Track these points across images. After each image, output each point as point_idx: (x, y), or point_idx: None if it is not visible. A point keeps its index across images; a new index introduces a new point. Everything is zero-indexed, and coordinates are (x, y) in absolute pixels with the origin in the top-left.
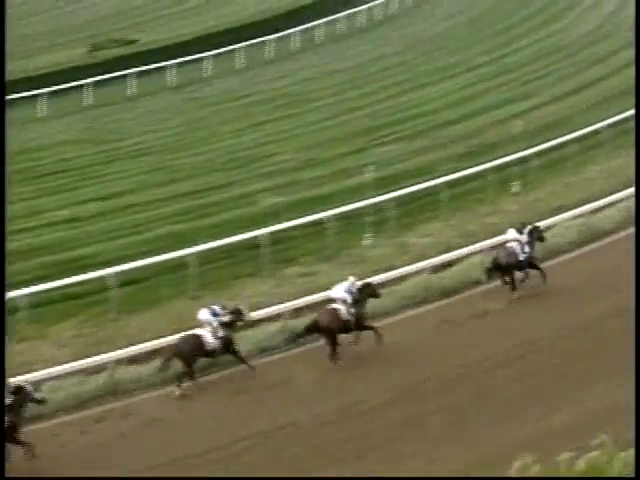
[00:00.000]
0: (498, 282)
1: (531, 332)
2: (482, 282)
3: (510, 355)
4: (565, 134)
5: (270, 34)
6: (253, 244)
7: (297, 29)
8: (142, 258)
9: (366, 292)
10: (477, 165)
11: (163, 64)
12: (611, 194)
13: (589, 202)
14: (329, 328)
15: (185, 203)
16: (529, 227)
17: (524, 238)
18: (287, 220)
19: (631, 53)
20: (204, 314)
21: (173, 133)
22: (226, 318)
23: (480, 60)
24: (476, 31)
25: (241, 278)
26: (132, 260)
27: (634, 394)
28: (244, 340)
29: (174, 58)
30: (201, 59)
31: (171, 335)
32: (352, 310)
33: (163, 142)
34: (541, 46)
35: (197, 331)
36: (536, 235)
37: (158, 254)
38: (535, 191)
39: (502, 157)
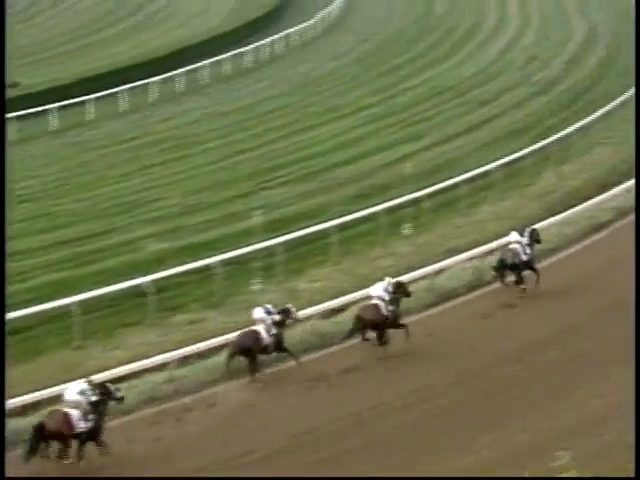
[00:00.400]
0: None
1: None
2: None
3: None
4: (456, 175)
5: (154, 75)
6: (139, 292)
7: (181, 70)
8: (26, 306)
9: (400, 291)
10: (368, 207)
11: (44, 108)
12: (503, 236)
13: (481, 244)
14: (374, 322)
15: (69, 250)
16: (529, 229)
17: (525, 240)
18: (173, 266)
19: (521, 91)
20: (259, 312)
21: (55, 178)
22: (277, 317)
23: (369, 101)
24: (364, 71)
25: (126, 327)
26: (17, 309)
27: (634, 394)
28: (130, 390)
29: (56, 101)
30: (83, 102)
31: (55, 386)
32: (390, 308)
33: (45, 188)
34: (431, 86)
35: (254, 327)
36: (535, 237)
37: (42, 302)
38: (427, 233)
39: (393, 199)
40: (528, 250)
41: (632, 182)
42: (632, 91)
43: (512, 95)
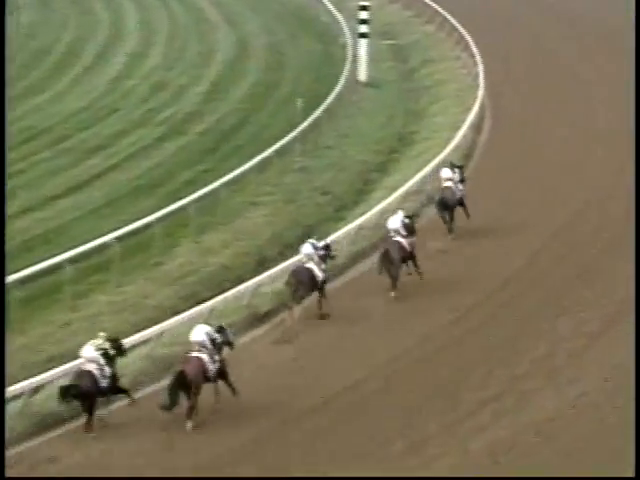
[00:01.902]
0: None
1: None
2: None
3: None
4: (59, 252)
5: None
6: None
7: None
8: None
9: (411, 225)
10: None
11: None
12: (119, 332)
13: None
14: (402, 258)
15: None
16: (457, 166)
17: (456, 177)
18: None
19: (145, 133)
20: (307, 248)
21: None
22: (322, 253)
23: None
24: None
25: None
26: None
27: (634, 394)
28: None
29: None
30: None
31: None
32: (408, 241)
33: None
34: (18, 127)
35: (307, 265)
36: (461, 175)
37: None
38: (20, 336)
39: None
40: (461, 187)
41: (291, 260)
42: (302, 127)
43: (133, 139)
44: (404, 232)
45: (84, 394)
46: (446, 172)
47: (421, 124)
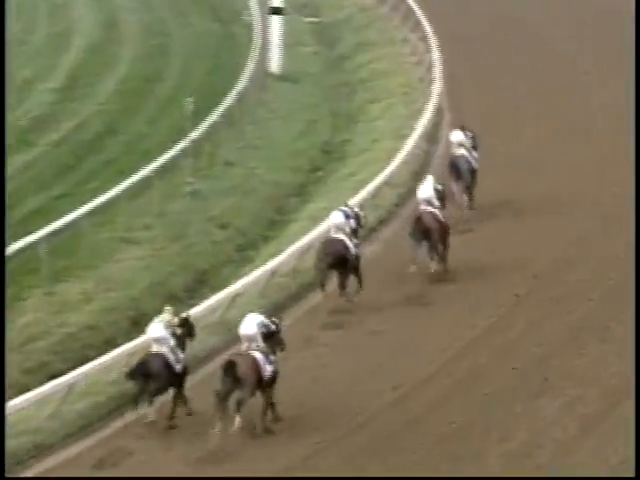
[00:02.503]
0: None
1: None
2: None
3: None
4: None
5: None
6: None
7: None
8: None
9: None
10: None
11: None
12: None
13: None
14: (434, 228)
15: None
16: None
17: (469, 142)
18: None
19: None
20: (339, 217)
21: None
22: (354, 224)
23: None
24: None
25: None
26: None
27: (634, 394)
28: None
29: None
30: None
31: None
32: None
33: None
34: None
35: (339, 236)
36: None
37: None
38: None
39: None
40: (475, 154)
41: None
42: (192, 136)
43: None
44: (437, 203)
45: (154, 376)
46: (458, 135)
47: (355, 131)
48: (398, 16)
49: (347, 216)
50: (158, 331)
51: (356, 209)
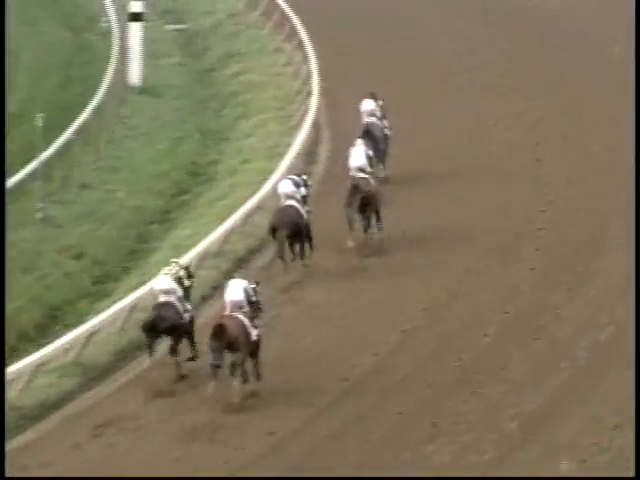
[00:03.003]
0: None
1: None
2: None
3: None
4: None
5: None
6: None
7: None
8: None
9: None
10: None
11: None
12: None
13: None
14: (373, 194)
15: None
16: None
17: (379, 111)
18: None
19: None
20: (287, 186)
21: None
22: (304, 191)
23: None
24: None
25: None
26: None
27: (634, 393)
28: None
29: None
30: None
31: None
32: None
33: None
34: None
35: (290, 202)
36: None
37: None
38: None
39: None
40: (385, 122)
41: None
42: (43, 156)
43: None
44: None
45: (171, 328)
46: (369, 104)
47: (225, 150)
48: (271, 22)
49: (297, 184)
50: (166, 282)
51: (304, 176)
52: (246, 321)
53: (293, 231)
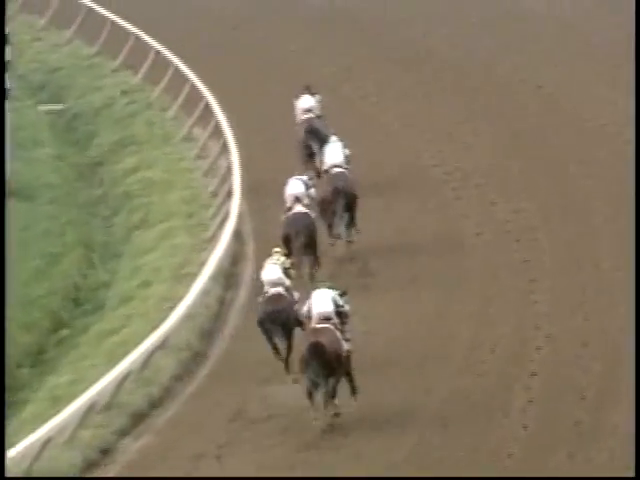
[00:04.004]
0: None
1: None
2: None
3: None
4: None
5: None
6: None
7: None
8: None
9: None
10: None
11: None
12: None
13: None
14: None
15: None
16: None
17: (317, 108)
18: None
19: None
20: (299, 186)
21: None
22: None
23: None
24: None
25: None
26: None
27: (634, 392)
28: None
29: None
30: None
31: None
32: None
33: None
34: None
35: (300, 209)
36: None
37: None
38: None
39: None
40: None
41: None
42: None
43: None
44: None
45: (287, 321)
46: (307, 100)
47: (118, 270)
48: (178, 101)
49: (307, 186)
50: (275, 273)
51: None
52: (339, 334)
53: (308, 240)
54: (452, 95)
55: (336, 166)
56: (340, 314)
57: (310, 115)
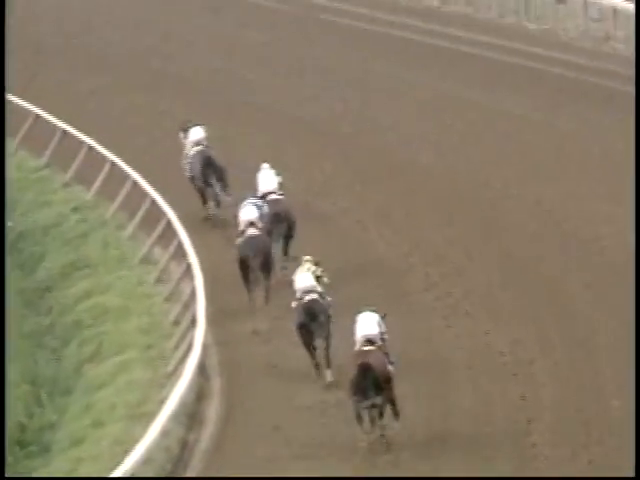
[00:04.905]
0: None
1: None
2: None
3: None
4: None
5: None
6: None
7: None
8: None
9: None
10: None
11: None
12: None
13: None
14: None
15: None
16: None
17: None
18: None
19: None
20: (253, 212)
21: None
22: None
23: None
24: None
25: None
26: None
27: (634, 392)
28: None
29: None
30: None
31: None
32: None
33: None
34: None
35: (256, 232)
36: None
37: None
38: None
39: None
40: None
41: None
42: None
43: None
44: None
45: (325, 324)
46: (198, 132)
47: (67, 408)
48: (136, 218)
49: (260, 209)
50: (308, 280)
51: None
52: (384, 357)
53: (265, 260)
54: (439, 211)
55: (271, 193)
56: (383, 338)
57: (202, 147)
